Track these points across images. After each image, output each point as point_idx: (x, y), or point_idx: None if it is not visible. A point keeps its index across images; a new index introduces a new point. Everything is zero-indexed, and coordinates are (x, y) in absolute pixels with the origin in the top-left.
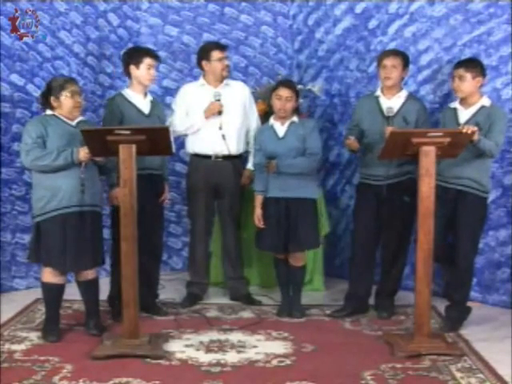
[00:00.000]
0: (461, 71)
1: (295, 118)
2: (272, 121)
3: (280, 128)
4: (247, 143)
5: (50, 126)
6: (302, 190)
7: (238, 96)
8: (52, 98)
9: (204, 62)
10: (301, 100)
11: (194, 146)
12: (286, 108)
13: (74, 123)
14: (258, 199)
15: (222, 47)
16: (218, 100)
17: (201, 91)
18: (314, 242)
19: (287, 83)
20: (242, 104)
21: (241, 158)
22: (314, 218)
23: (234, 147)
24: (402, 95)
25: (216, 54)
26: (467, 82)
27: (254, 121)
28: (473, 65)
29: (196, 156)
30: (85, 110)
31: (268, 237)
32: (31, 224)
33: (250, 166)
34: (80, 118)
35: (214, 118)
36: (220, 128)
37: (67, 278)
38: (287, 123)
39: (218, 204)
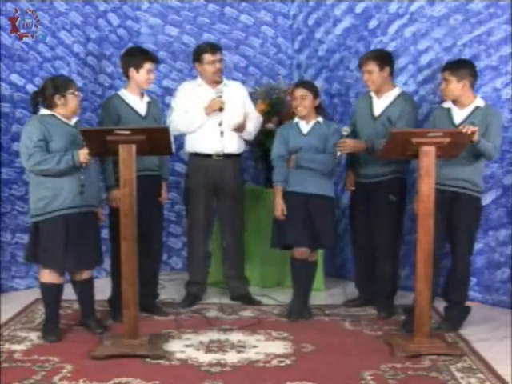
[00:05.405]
0: (446, 74)
1: (320, 119)
2: (297, 119)
3: (305, 126)
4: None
5: (51, 126)
6: (320, 187)
7: (237, 95)
8: (57, 97)
9: (197, 64)
10: None
11: (194, 145)
12: (301, 107)
13: (72, 123)
14: (278, 190)
15: (214, 50)
16: (220, 97)
17: (199, 90)
18: (331, 241)
19: (300, 83)
20: (242, 103)
21: (241, 157)
22: (332, 216)
23: (234, 146)
24: (391, 95)
25: (207, 57)
26: (452, 85)
27: (252, 111)
28: (457, 68)
29: (196, 155)
30: (85, 109)
31: (291, 230)
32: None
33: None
34: (77, 118)
35: (214, 115)
36: (220, 124)
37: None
38: (312, 122)
39: (218, 203)
